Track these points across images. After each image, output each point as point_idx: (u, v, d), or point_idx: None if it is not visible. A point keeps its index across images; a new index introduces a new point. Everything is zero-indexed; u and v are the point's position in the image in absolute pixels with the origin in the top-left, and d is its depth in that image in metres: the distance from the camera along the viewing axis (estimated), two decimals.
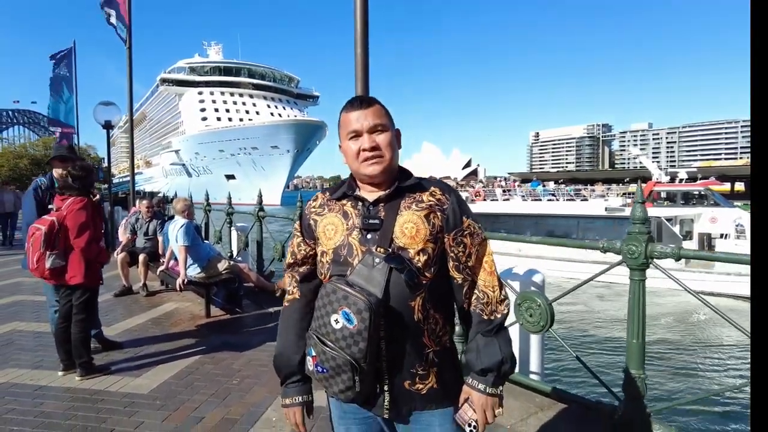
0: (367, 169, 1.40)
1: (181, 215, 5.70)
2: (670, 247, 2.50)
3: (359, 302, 1.24)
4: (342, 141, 1.46)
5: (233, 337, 4.91)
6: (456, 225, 1.41)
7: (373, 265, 1.32)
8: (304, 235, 1.54)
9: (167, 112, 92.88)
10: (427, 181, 1.48)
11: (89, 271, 3.73)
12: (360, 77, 2.84)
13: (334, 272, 1.39)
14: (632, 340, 2.62)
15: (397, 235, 1.36)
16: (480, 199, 25.09)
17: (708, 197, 19.74)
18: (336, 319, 1.27)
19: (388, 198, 1.41)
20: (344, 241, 1.39)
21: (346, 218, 1.42)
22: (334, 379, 1.31)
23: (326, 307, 1.30)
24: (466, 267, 1.42)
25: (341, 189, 1.49)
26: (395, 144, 1.45)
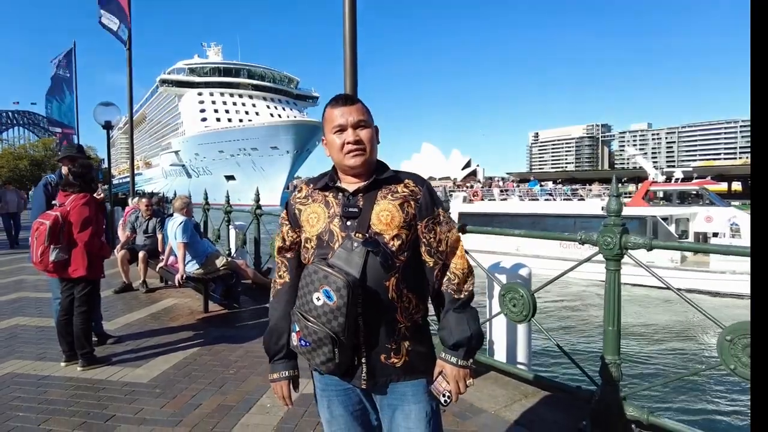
0: (350, 160, 1.54)
1: (180, 213, 5.83)
2: (642, 239, 2.64)
3: (338, 281, 1.37)
4: (327, 134, 1.59)
5: (230, 330, 5.05)
6: (428, 213, 1.56)
7: (351, 248, 1.46)
8: (291, 223, 1.66)
9: (167, 113, 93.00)
10: (403, 174, 1.63)
11: (91, 265, 3.88)
12: (349, 77, 2.95)
13: (318, 256, 1.52)
14: (608, 327, 2.75)
15: (373, 221, 1.50)
16: (477, 199, 25.20)
17: (703, 196, 19.87)
18: (317, 296, 1.40)
19: (366, 189, 1.54)
20: (326, 228, 1.52)
21: (328, 207, 1.56)
22: (315, 352, 1.44)
23: (308, 287, 1.43)
24: (437, 252, 1.56)
25: (323, 179, 1.62)
26: (375, 139, 1.59)
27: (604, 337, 2.80)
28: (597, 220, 19.93)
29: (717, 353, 2.35)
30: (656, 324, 12.81)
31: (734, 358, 2.29)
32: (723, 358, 2.31)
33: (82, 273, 3.83)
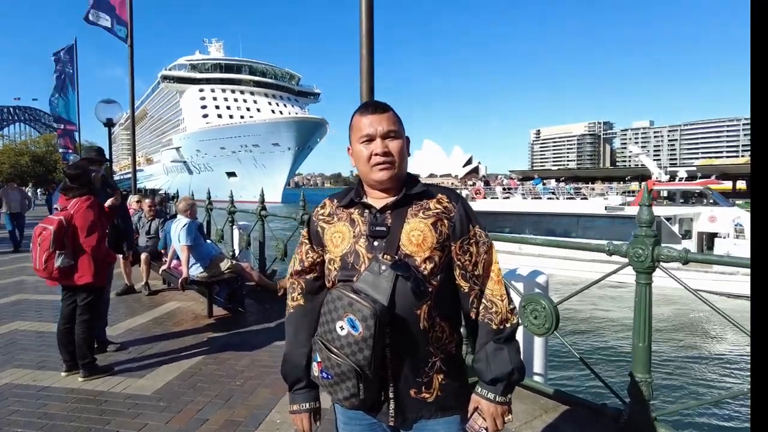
0: (377, 174, 1.40)
1: (183, 214, 5.68)
2: (677, 250, 2.49)
3: (364, 309, 1.24)
4: (353, 144, 1.46)
5: (236, 337, 4.91)
6: (463, 233, 1.41)
7: (379, 272, 1.32)
8: (312, 242, 1.53)
9: (168, 109, 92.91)
10: (435, 188, 1.48)
11: (97, 272, 3.73)
12: (365, 78, 2.81)
13: (342, 279, 1.39)
14: (638, 343, 2.61)
15: (403, 242, 1.36)
16: (480, 197, 25.05)
17: (707, 196, 19.77)
18: (341, 325, 1.27)
19: (395, 205, 1.41)
20: (351, 249, 1.39)
21: (353, 225, 1.43)
22: (338, 386, 1.31)
23: (332, 314, 1.30)
24: (472, 276, 1.42)
25: (348, 195, 1.49)
26: (405, 151, 1.45)
27: (633, 354, 2.66)
28: (601, 219, 20.13)
29: None
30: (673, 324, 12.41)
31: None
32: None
33: (88, 279, 3.68)
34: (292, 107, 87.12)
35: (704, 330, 12.79)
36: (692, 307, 13.65)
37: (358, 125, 1.44)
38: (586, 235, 19.54)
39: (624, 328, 12.22)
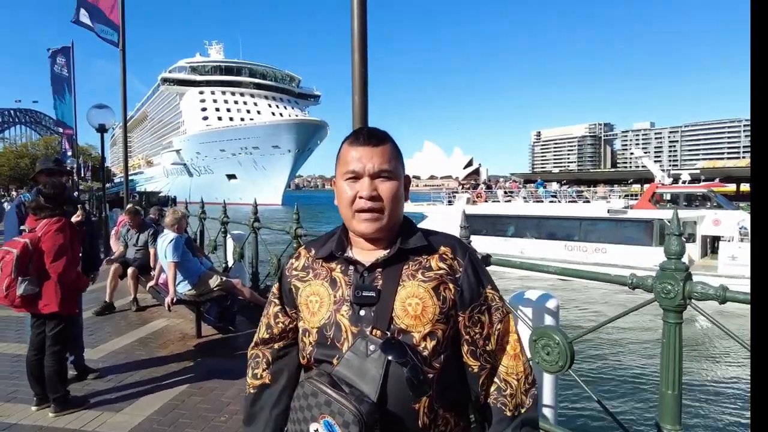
0: (359, 224, 1.12)
1: (170, 229, 5.39)
2: (713, 287, 2.17)
3: (345, 412, 0.95)
4: (337, 179, 1.17)
5: (224, 361, 4.60)
6: (473, 299, 1.12)
7: (366, 353, 1.03)
8: (283, 303, 1.24)
9: (168, 111, 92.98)
10: (436, 238, 1.18)
11: (65, 299, 3.41)
12: (358, 85, 2.55)
13: (318, 357, 1.11)
14: (666, 390, 2.30)
15: (397, 313, 1.07)
16: (482, 201, 24.78)
17: (711, 199, 19.54)
18: (316, 428, 0.98)
19: (386, 262, 1.12)
20: (331, 319, 1.10)
21: (334, 287, 1.13)
22: None
23: (303, 412, 1.01)
24: (484, 352, 1.13)
25: (328, 245, 1.19)
26: (401, 195, 1.16)
27: (660, 402, 2.35)
28: (604, 222, 19.87)
29: None
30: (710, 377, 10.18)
31: None
32: None
33: (54, 308, 3.36)
34: (292, 109, 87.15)
35: (734, 371, 10.62)
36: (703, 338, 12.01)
37: (344, 157, 1.15)
38: (588, 238, 19.37)
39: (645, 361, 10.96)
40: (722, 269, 15.91)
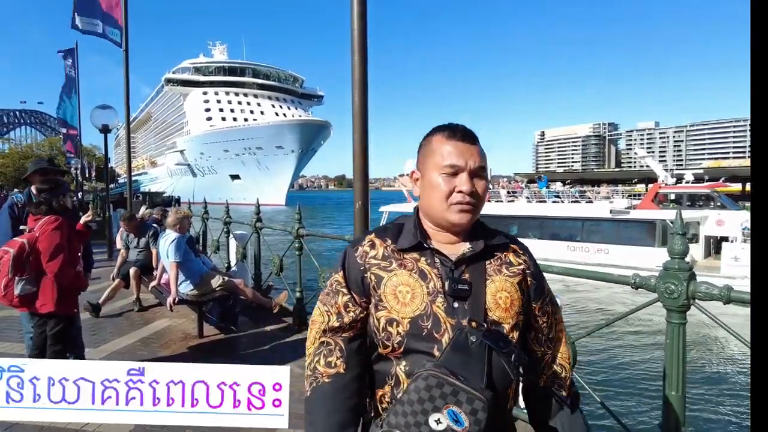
0: (454, 215, 1.16)
1: (172, 229, 5.39)
2: (717, 287, 2.15)
3: (475, 400, 0.99)
4: (427, 171, 1.19)
5: (226, 361, 4.56)
6: (542, 292, 1.24)
7: (467, 345, 1.06)
8: (352, 292, 1.21)
9: (172, 112, 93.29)
10: (506, 235, 1.27)
11: (62, 299, 3.41)
12: (358, 85, 2.51)
13: (412, 347, 1.12)
14: (670, 392, 2.27)
15: (489, 306, 1.13)
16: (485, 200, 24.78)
17: (714, 199, 19.47)
18: (438, 419, 1.00)
19: (472, 257, 1.17)
20: (427, 310, 1.12)
21: (425, 279, 1.14)
22: None
23: (424, 404, 1.01)
24: (547, 339, 1.25)
25: (406, 236, 1.20)
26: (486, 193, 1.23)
27: (663, 404, 2.32)
28: (606, 223, 19.80)
29: None
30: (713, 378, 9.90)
31: None
32: None
33: (50, 308, 3.36)
34: (295, 110, 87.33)
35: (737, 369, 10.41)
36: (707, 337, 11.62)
37: (440, 149, 1.17)
38: (590, 239, 19.27)
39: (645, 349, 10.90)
40: (725, 270, 15.84)
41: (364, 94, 2.52)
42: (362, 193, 2.39)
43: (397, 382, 1.14)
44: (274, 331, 5.43)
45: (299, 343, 5.05)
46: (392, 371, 1.16)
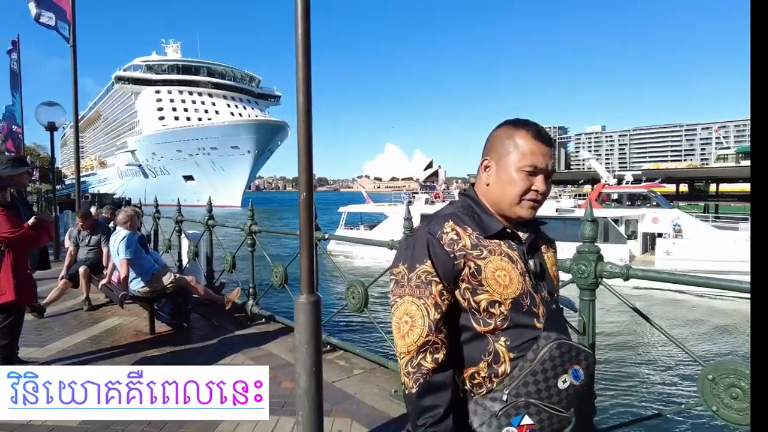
0: (525, 211, 1.29)
1: (123, 226, 5.39)
2: (619, 266, 2.45)
3: (590, 357, 1.23)
4: (506, 164, 1.27)
5: (178, 357, 4.65)
6: None
7: (553, 313, 1.30)
8: (443, 280, 1.23)
9: (123, 111, 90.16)
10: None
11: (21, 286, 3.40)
12: (302, 87, 2.61)
13: (517, 322, 1.23)
14: None
15: (552, 278, 1.38)
16: (440, 201, 25.48)
17: (651, 199, 20.94)
18: (564, 379, 1.17)
19: (533, 240, 1.37)
20: (524, 289, 1.25)
21: (513, 262, 1.26)
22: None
23: (556, 369, 1.17)
24: None
25: (487, 223, 1.28)
26: None
27: None
28: (553, 221, 20.60)
29: (698, 392, 2.18)
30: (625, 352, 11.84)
31: (716, 399, 2.12)
32: (705, 398, 2.14)
33: (10, 297, 3.36)
34: (252, 110, 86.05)
35: (647, 344, 12.41)
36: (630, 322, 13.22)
37: (524, 147, 1.25)
38: None
39: None
40: (659, 264, 17.01)
41: (308, 94, 2.61)
42: (307, 185, 2.54)
43: (496, 357, 1.21)
44: (227, 327, 5.50)
45: (251, 337, 5.17)
46: (490, 348, 1.22)
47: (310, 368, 2.52)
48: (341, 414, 3.36)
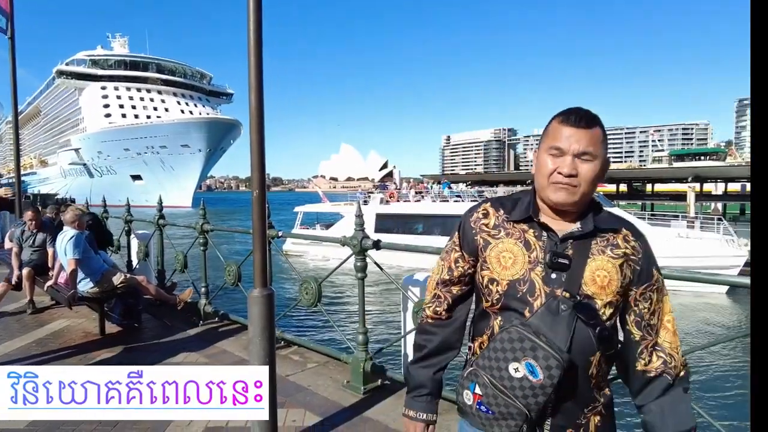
0: (553, 194, 1.28)
1: (70, 226, 5.29)
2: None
3: (551, 359, 1.16)
4: (540, 151, 1.32)
5: (129, 356, 4.63)
6: (647, 279, 1.31)
7: (557, 312, 1.22)
8: (463, 250, 1.40)
9: (66, 107, 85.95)
10: (621, 221, 1.36)
11: None
12: (254, 88, 2.66)
13: (507, 305, 1.29)
14: None
15: (586, 281, 1.25)
16: (394, 201, 25.89)
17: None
18: (516, 368, 1.19)
19: (579, 236, 1.29)
20: (525, 276, 1.27)
21: (528, 248, 1.29)
22: (498, 422, 1.24)
23: (506, 353, 1.21)
24: (648, 325, 1.32)
25: (520, 208, 1.35)
26: (599, 177, 1.31)
27: None
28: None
29: None
30: None
31: None
32: None
33: None
34: (203, 107, 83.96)
35: None
36: None
37: (553, 132, 1.30)
38: None
39: None
40: None
41: (259, 93, 2.63)
42: (259, 182, 2.63)
43: (492, 333, 1.31)
44: (179, 326, 5.47)
45: (204, 335, 5.18)
46: (491, 323, 1.32)
47: (263, 360, 2.63)
48: (295, 405, 3.48)
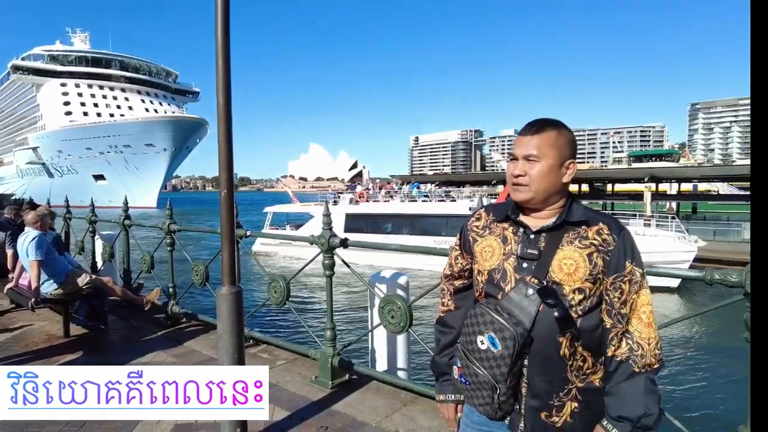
0: (513, 194, 1.49)
1: (33, 226, 5.21)
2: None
3: (505, 330, 1.34)
4: None
5: (94, 358, 4.60)
6: (618, 269, 1.40)
7: (525, 294, 1.39)
8: (462, 249, 1.65)
9: (22, 104, 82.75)
10: (597, 216, 1.47)
11: None
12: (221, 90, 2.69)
13: (488, 292, 1.49)
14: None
15: (553, 269, 1.40)
16: (363, 200, 26.08)
17: None
18: (481, 340, 1.38)
19: (551, 229, 1.45)
20: (499, 266, 1.47)
21: (505, 243, 1.50)
22: (474, 392, 1.43)
23: (473, 327, 1.41)
24: (618, 313, 1.41)
25: (504, 210, 1.55)
26: (551, 175, 1.44)
27: None
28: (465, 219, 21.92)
29: None
30: None
31: None
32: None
33: None
34: (168, 106, 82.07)
35: None
36: None
37: (514, 143, 1.51)
38: (453, 233, 21.18)
39: None
40: None
41: (227, 93, 2.65)
42: (227, 183, 2.67)
43: None
44: (147, 327, 5.45)
45: (172, 336, 5.18)
46: None
47: (232, 356, 2.69)
48: None
